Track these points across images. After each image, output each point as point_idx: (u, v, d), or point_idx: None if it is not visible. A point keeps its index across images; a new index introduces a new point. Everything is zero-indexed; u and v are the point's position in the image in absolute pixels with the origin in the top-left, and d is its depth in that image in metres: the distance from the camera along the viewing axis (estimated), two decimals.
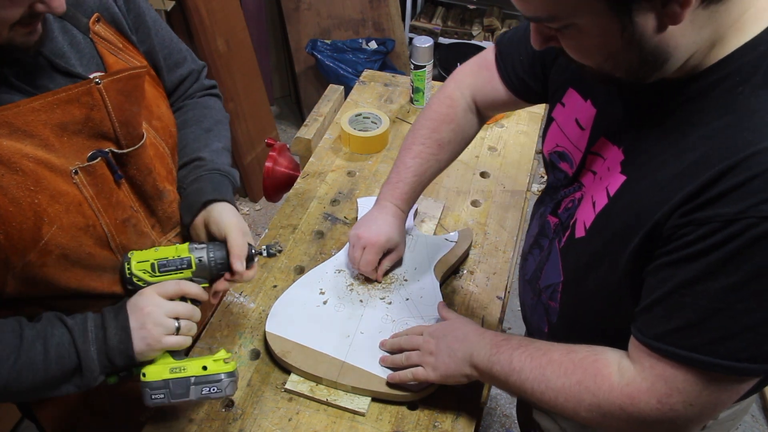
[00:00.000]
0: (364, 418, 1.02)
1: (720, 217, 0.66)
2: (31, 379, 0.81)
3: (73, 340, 0.84)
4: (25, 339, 0.82)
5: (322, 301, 1.15)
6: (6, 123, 0.78)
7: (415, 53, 1.59)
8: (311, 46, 2.97)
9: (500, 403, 2.18)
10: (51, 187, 0.82)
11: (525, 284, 1.08)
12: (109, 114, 0.86)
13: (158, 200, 1.00)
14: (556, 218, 0.97)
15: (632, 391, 0.76)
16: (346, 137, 1.54)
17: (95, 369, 0.85)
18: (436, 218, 1.35)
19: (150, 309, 0.86)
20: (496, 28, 3.60)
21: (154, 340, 0.86)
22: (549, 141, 0.99)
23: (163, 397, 0.89)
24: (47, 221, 0.82)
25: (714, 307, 0.68)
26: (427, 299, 1.16)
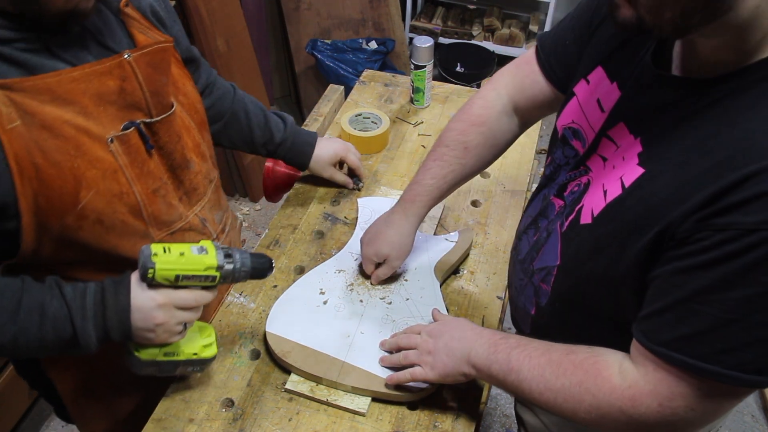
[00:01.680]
0: (364, 418, 1.02)
1: (739, 225, 0.64)
2: (25, 343, 0.84)
3: (70, 315, 0.85)
4: (23, 306, 0.84)
5: (322, 301, 1.15)
6: (48, 90, 0.82)
7: (415, 53, 1.59)
8: (311, 46, 2.97)
9: (500, 403, 2.18)
10: (89, 153, 0.86)
11: (516, 264, 1.06)
12: (140, 85, 0.91)
13: (186, 169, 1.04)
14: (562, 200, 0.95)
15: (634, 394, 0.75)
16: (346, 137, 1.54)
17: (91, 343, 0.87)
18: (436, 218, 1.35)
19: (163, 320, 0.88)
20: (496, 28, 3.61)
21: (159, 341, 0.90)
22: (565, 115, 0.95)
23: (151, 371, 0.95)
24: (85, 186, 0.86)
25: (727, 318, 0.67)
26: (427, 299, 1.16)
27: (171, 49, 0.98)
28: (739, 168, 0.65)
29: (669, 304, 0.72)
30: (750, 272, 0.65)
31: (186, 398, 1.04)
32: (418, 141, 1.58)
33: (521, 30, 3.60)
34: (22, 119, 0.80)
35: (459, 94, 1.75)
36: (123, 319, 0.87)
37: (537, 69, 1.04)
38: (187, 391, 1.05)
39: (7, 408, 1.86)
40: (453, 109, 1.69)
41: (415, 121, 1.64)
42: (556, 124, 0.98)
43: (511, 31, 3.58)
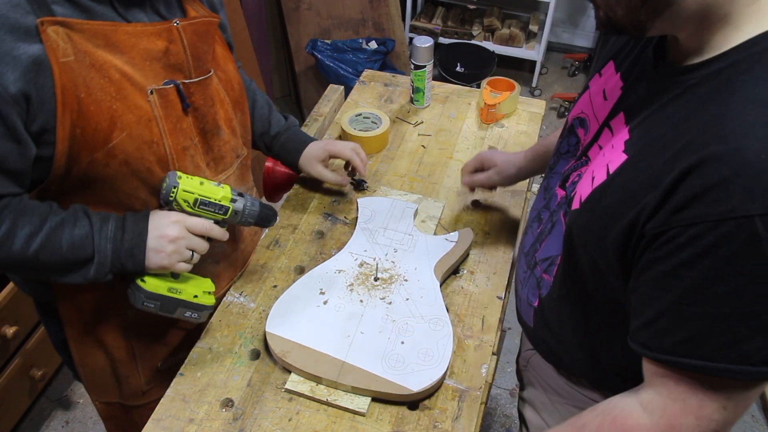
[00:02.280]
0: (364, 418, 1.02)
1: (708, 217, 0.64)
2: (47, 259, 0.92)
3: (92, 233, 0.94)
4: (50, 223, 0.92)
5: (322, 301, 1.15)
6: (104, 36, 0.90)
7: (415, 53, 1.59)
8: (311, 46, 2.97)
9: (500, 403, 2.18)
10: (129, 99, 0.93)
11: (521, 257, 1.08)
12: (184, 48, 0.99)
13: (216, 136, 1.10)
14: (564, 191, 0.96)
15: (669, 421, 0.73)
16: (346, 137, 1.54)
17: (106, 265, 0.95)
18: (436, 218, 1.35)
19: (175, 235, 0.98)
20: (496, 28, 3.61)
21: (168, 263, 0.98)
22: (577, 107, 0.98)
23: (152, 307, 1.01)
24: (119, 127, 0.93)
25: (721, 313, 0.67)
26: (427, 299, 1.16)
27: (216, 24, 1.06)
28: (699, 150, 0.65)
29: (661, 310, 0.71)
30: (729, 264, 0.65)
31: (186, 398, 1.04)
32: (418, 141, 1.58)
33: (521, 30, 3.60)
34: (76, 56, 0.87)
35: (459, 94, 1.75)
36: (139, 242, 0.96)
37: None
38: (187, 391, 1.05)
39: (7, 408, 1.86)
40: (453, 109, 1.69)
41: (415, 121, 1.64)
42: (568, 117, 1.00)
43: (511, 31, 3.58)
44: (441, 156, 1.54)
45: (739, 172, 0.63)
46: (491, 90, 1.67)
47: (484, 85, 1.67)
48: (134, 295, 0.99)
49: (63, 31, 0.85)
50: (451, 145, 1.57)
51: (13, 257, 0.90)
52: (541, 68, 3.66)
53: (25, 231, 0.90)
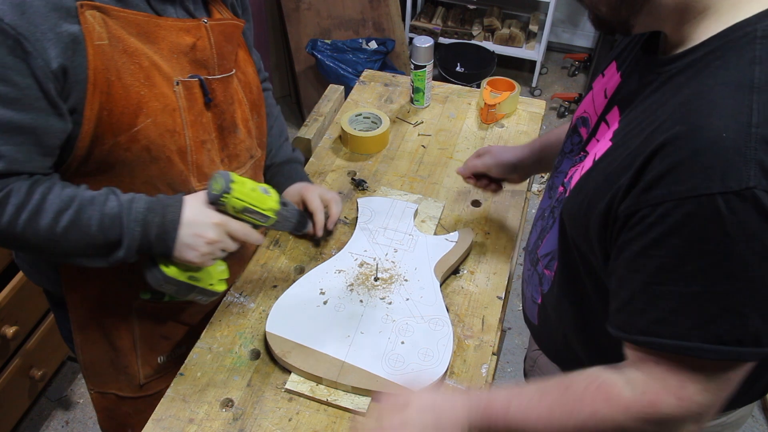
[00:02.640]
0: (364, 419, 1.02)
1: (672, 196, 0.65)
2: (75, 239, 0.91)
3: (120, 214, 0.93)
4: (79, 201, 0.91)
5: (322, 301, 1.15)
6: (137, 25, 0.93)
7: (415, 53, 1.59)
8: (311, 46, 2.97)
9: None
10: (156, 87, 0.96)
11: (526, 255, 1.08)
12: (211, 46, 1.03)
13: (232, 133, 1.12)
14: (563, 187, 0.97)
15: (650, 398, 0.74)
16: (346, 137, 1.54)
17: (133, 248, 0.94)
18: (436, 218, 1.36)
19: (213, 239, 0.97)
20: (496, 28, 3.61)
21: (199, 261, 0.98)
22: (580, 108, 1.00)
23: (168, 289, 1.00)
24: (144, 113, 0.95)
25: (690, 292, 0.67)
26: (427, 299, 1.16)
27: (241, 28, 1.10)
28: (666, 131, 0.66)
29: (634, 291, 0.72)
30: (695, 243, 0.65)
31: (186, 398, 1.04)
32: (418, 141, 1.58)
33: (521, 30, 3.60)
34: (110, 40, 0.90)
35: (459, 94, 1.75)
36: (170, 229, 0.95)
37: None
38: (187, 391, 1.05)
39: (7, 408, 1.86)
40: (453, 109, 1.69)
41: (415, 121, 1.64)
42: (573, 117, 1.02)
43: (511, 31, 3.58)
44: (441, 156, 1.54)
45: (700, 150, 0.64)
46: (491, 90, 1.67)
47: (484, 85, 1.67)
48: (153, 276, 0.98)
49: (99, 16, 0.89)
50: (451, 145, 1.57)
51: (41, 234, 0.89)
52: (541, 68, 3.66)
53: (53, 207, 0.89)
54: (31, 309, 1.84)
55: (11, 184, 0.87)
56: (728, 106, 0.64)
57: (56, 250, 0.92)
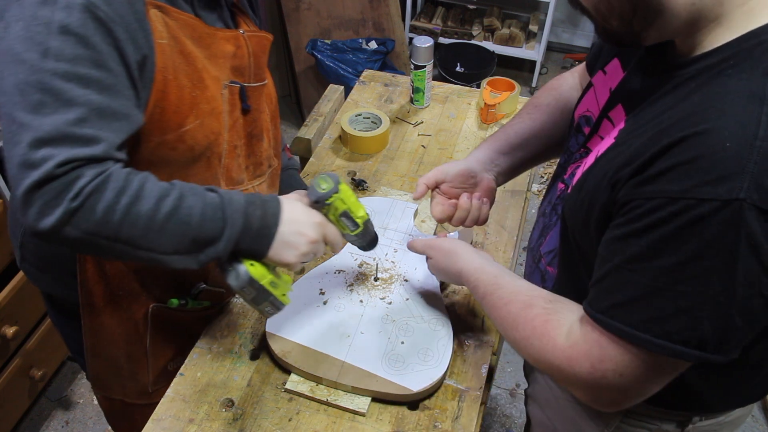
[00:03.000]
0: (364, 418, 1.02)
1: (665, 194, 0.66)
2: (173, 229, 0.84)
3: (222, 205, 0.88)
4: (180, 187, 0.86)
5: (322, 301, 1.15)
6: (191, 28, 0.94)
7: (415, 53, 1.59)
8: (311, 46, 2.97)
9: (500, 403, 2.18)
10: (208, 90, 0.97)
11: (528, 252, 1.09)
12: (248, 54, 1.05)
13: (259, 141, 1.13)
14: (564, 184, 0.97)
15: (572, 353, 0.77)
16: (346, 137, 1.54)
17: (232, 242, 0.88)
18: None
19: (313, 238, 0.95)
20: (496, 28, 3.61)
21: (294, 262, 0.94)
22: (582, 105, 0.99)
23: (247, 294, 0.93)
24: (195, 114, 0.95)
25: (654, 286, 0.69)
26: (427, 299, 1.16)
27: (270, 41, 1.12)
28: (673, 134, 0.67)
29: (607, 271, 0.74)
30: (673, 240, 0.66)
31: (186, 398, 1.04)
32: (418, 141, 1.58)
33: (521, 30, 3.60)
34: (169, 40, 0.90)
35: (459, 94, 1.75)
36: (270, 224, 0.91)
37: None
38: (187, 391, 1.05)
39: (7, 408, 1.86)
40: (453, 109, 1.69)
41: (415, 121, 1.64)
42: (574, 114, 1.01)
43: (511, 31, 3.58)
44: (441, 156, 1.54)
45: (700, 156, 0.64)
46: (491, 90, 1.67)
47: (484, 85, 1.67)
48: (238, 277, 0.91)
49: (160, 15, 0.89)
50: (451, 145, 1.57)
51: (139, 223, 0.81)
52: (541, 68, 3.66)
53: (154, 193, 0.83)
54: (31, 309, 1.84)
55: (110, 169, 0.81)
56: (737, 116, 0.65)
57: (149, 243, 0.84)
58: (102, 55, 0.80)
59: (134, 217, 0.81)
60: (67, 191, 0.76)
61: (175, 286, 1.12)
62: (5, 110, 0.77)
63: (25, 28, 0.77)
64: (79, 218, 0.78)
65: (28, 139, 0.75)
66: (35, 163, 0.75)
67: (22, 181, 0.75)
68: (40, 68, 0.76)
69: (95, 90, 0.79)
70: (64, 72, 0.77)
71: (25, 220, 0.78)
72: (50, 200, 0.76)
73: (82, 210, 0.77)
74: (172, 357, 1.22)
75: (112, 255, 0.84)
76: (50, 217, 0.76)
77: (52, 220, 0.76)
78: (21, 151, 0.75)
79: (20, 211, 0.78)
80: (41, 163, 0.75)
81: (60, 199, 0.76)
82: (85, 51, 0.79)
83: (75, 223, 0.78)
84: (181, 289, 1.13)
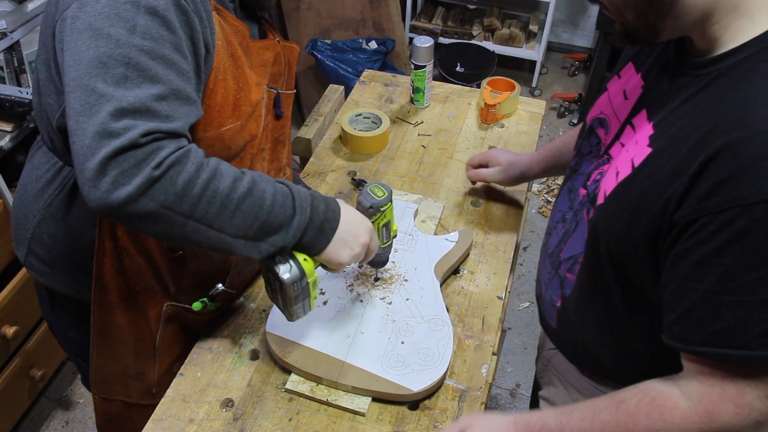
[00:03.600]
0: (365, 418, 1.02)
1: (737, 202, 0.63)
2: (246, 210, 0.83)
3: (291, 193, 0.89)
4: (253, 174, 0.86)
5: (322, 301, 1.15)
6: (239, 32, 0.97)
7: (415, 53, 1.59)
8: (311, 46, 2.97)
9: (500, 403, 2.18)
10: (251, 93, 0.99)
11: (545, 258, 1.07)
12: (285, 63, 1.10)
13: (282, 147, 1.18)
14: (585, 190, 0.96)
15: (706, 407, 0.72)
16: (346, 137, 1.54)
17: (300, 229, 0.89)
18: (436, 218, 1.35)
19: (365, 243, 0.97)
20: (496, 28, 3.61)
21: (347, 262, 0.95)
22: (595, 108, 0.99)
23: (293, 290, 0.92)
24: (236, 115, 0.97)
25: (755, 300, 0.66)
26: (427, 299, 1.16)
27: (298, 51, 1.16)
28: (722, 136, 0.65)
29: (694, 301, 0.70)
30: (761, 249, 0.64)
31: (186, 398, 1.04)
32: (418, 141, 1.58)
33: (521, 30, 3.60)
34: (222, 42, 0.92)
35: (459, 94, 1.75)
36: (331, 219, 0.93)
37: None
38: (187, 391, 1.05)
39: (7, 408, 1.86)
40: (453, 109, 1.69)
41: (415, 121, 1.64)
42: (586, 118, 1.01)
43: (511, 31, 3.58)
44: (441, 156, 1.54)
45: (763, 155, 0.62)
46: (491, 90, 1.67)
47: (484, 85, 1.67)
48: (291, 270, 0.90)
49: (218, 18, 0.91)
50: (451, 145, 1.57)
51: (217, 199, 0.80)
52: (541, 68, 3.66)
53: (230, 173, 0.83)
54: (31, 309, 1.84)
55: (189, 145, 0.80)
56: None
57: (221, 223, 0.82)
58: (181, 41, 0.82)
59: (212, 194, 0.80)
60: (149, 160, 0.74)
61: (193, 285, 1.11)
62: (82, 82, 0.75)
63: (111, 6, 0.77)
64: (157, 189, 0.75)
65: (110, 109, 0.74)
66: (116, 132, 0.73)
67: (99, 150, 0.73)
68: (126, 43, 0.76)
69: (174, 72, 0.80)
70: (150, 49, 0.78)
71: (93, 192, 0.74)
72: (129, 169, 0.73)
73: (163, 180, 0.75)
74: (177, 357, 1.22)
75: (177, 235, 0.81)
76: (127, 186, 0.73)
77: (129, 190, 0.73)
78: (100, 120, 0.73)
79: (88, 184, 0.74)
80: (123, 132, 0.73)
81: (139, 168, 0.74)
82: (168, 33, 0.80)
83: (152, 193, 0.75)
84: (198, 290, 1.12)
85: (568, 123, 3.43)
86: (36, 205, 1.05)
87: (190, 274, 1.10)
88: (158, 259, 1.04)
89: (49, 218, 1.04)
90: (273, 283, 0.94)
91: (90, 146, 0.73)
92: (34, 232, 1.07)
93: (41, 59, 0.94)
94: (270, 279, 0.95)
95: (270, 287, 0.98)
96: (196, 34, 0.85)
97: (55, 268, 1.10)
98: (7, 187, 1.80)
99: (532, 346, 2.35)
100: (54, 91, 0.92)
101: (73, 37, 0.78)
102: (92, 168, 0.73)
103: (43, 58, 0.93)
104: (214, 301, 1.10)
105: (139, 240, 1.01)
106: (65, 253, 1.07)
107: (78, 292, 1.10)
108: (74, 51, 0.77)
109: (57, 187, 1.02)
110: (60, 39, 0.82)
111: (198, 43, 0.86)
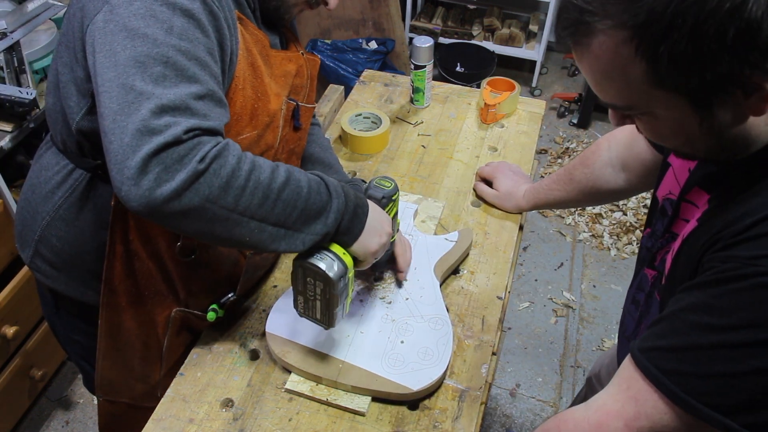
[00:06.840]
0: (364, 418, 1.02)
1: (738, 259, 0.66)
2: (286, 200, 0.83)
3: (323, 180, 0.90)
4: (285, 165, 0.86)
5: None
6: (260, 42, 0.98)
7: (415, 53, 1.59)
8: (311, 46, 2.98)
9: (500, 403, 2.18)
10: (269, 103, 1.00)
11: (623, 341, 1.09)
12: (307, 75, 1.11)
13: (297, 159, 1.19)
14: (654, 270, 0.97)
15: (600, 416, 0.74)
16: (346, 137, 1.54)
17: (339, 214, 0.89)
18: (436, 218, 1.36)
19: (388, 231, 0.99)
20: (496, 28, 3.61)
21: (376, 247, 0.96)
22: (664, 186, 0.98)
23: (338, 286, 0.91)
24: (253, 124, 0.98)
25: (699, 342, 0.67)
26: (427, 299, 1.16)
27: (319, 63, 1.17)
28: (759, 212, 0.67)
29: (663, 316, 0.73)
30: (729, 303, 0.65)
31: (186, 398, 1.04)
32: (418, 141, 1.58)
33: (521, 30, 3.60)
34: (243, 51, 0.93)
35: (459, 94, 1.75)
36: (362, 204, 0.94)
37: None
38: (187, 391, 1.05)
39: (7, 408, 1.86)
40: (453, 109, 1.69)
41: (415, 121, 1.64)
42: (656, 194, 1.01)
43: (511, 31, 3.58)
44: (441, 156, 1.54)
45: None
46: (491, 90, 1.67)
47: (484, 85, 1.67)
48: (336, 266, 0.89)
49: (240, 27, 0.92)
50: (451, 145, 1.57)
51: (259, 189, 0.80)
52: (541, 68, 3.66)
53: (267, 165, 0.83)
54: (31, 309, 1.84)
55: (227, 139, 0.80)
56: None
57: (264, 213, 0.81)
58: (213, 45, 0.83)
59: (254, 185, 0.79)
60: (192, 155, 0.74)
61: (202, 291, 1.11)
62: (120, 81, 0.75)
63: (146, 7, 0.78)
64: (202, 183, 0.75)
65: (151, 106, 0.73)
66: (157, 129, 0.73)
67: (140, 148, 0.72)
68: (164, 42, 0.77)
69: (208, 74, 0.81)
70: (186, 50, 0.78)
71: (134, 190, 0.72)
72: (172, 165, 0.73)
73: (207, 173, 0.75)
74: (182, 360, 1.21)
75: (217, 231, 0.80)
76: (171, 182, 0.73)
77: (174, 185, 0.73)
78: (141, 117, 0.73)
79: (128, 183, 0.72)
80: (165, 128, 0.73)
81: (183, 164, 0.73)
82: (202, 36, 0.81)
83: (197, 187, 0.74)
84: (207, 295, 1.11)
85: (568, 123, 3.43)
86: (45, 207, 1.04)
87: (200, 280, 1.10)
88: (169, 264, 1.04)
89: (58, 220, 1.04)
90: (312, 288, 0.93)
91: (131, 144, 0.72)
92: (41, 234, 1.06)
93: (63, 61, 0.93)
94: (308, 286, 0.93)
95: (304, 297, 0.96)
96: (225, 41, 0.86)
97: (62, 271, 1.09)
98: (7, 187, 1.80)
99: (532, 346, 2.35)
100: (76, 93, 0.92)
101: (107, 39, 0.78)
102: (134, 166, 0.72)
103: (66, 61, 0.92)
104: (223, 308, 1.10)
105: (150, 244, 1.01)
106: (73, 256, 1.07)
107: (84, 294, 1.09)
108: (109, 52, 0.77)
109: (67, 190, 1.01)
110: (90, 42, 0.81)
111: (226, 50, 0.87)
